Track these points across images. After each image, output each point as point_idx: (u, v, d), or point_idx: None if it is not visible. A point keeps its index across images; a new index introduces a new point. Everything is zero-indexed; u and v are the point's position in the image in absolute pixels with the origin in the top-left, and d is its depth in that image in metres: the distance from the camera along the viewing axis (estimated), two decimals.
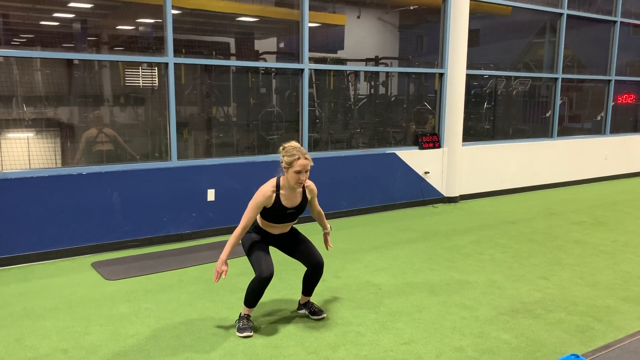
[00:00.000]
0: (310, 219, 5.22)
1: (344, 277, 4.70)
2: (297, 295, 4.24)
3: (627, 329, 3.76)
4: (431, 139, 7.52)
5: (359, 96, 8.01)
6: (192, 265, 4.98)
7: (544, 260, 5.24)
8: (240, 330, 3.55)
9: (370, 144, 7.39)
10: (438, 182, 7.64)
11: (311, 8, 6.27)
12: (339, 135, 7.41)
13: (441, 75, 7.60)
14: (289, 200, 3.54)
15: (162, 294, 4.30)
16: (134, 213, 5.42)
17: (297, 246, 3.72)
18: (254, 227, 3.66)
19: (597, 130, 9.99)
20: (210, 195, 5.84)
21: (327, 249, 3.97)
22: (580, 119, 10.25)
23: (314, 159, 6.35)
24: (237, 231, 3.47)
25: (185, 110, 6.38)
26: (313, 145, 7.03)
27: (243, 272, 4.80)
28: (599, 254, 5.47)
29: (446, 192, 7.73)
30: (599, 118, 10.15)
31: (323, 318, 3.80)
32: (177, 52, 5.57)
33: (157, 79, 5.97)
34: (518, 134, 9.06)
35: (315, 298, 4.14)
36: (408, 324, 3.77)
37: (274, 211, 3.51)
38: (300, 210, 3.61)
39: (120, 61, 5.79)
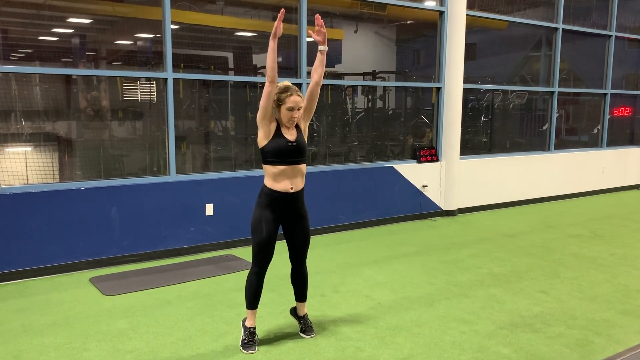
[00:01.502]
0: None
1: (342, 292, 4.69)
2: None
3: (627, 342, 3.75)
4: (429, 153, 7.55)
5: (356, 110, 8.07)
6: (191, 280, 4.96)
7: (543, 274, 5.25)
8: (245, 346, 3.52)
9: (368, 158, 7.42)
10: (436, 195, 7.65)
11: (309, 23, 6.32)
12: (337, 149, 7.45)
13: (438, 89, 7.65)
14: (288, 132, 3.45)
15: (160, 309, 4.28)
16: (132, 228, 5.41)
17: (296, 234, 3.65)
18: (263, 194, 3.51)
19: (594, 143, 10.05)
20: (209, 209, 5.85)
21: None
22: (577, 131, 10.32)
23: (313, 173, 6.39)
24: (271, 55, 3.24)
25: (183, 124, 6.42)
26: (311, 159, 7.06)
27: (240, 287, 4.77)
28: (597, 267, 5.47)
29: (444, 206, 7.74)
30: (595, 131, 10.21)
31: (312, 337, 3.77)
32: (175, 67, 5.60)
33: (155, 93, 5.99)
34: (515, 147, 9.11)
35: (314, 312, 4.14)
36: (407, 339, 3.76)
37: (278, 143, 3.38)
38: (302, 146, 3.46)
39: (119, 76, 5.82)
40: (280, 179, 3.47)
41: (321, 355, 3.51)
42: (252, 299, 3.59)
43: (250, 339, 3.54)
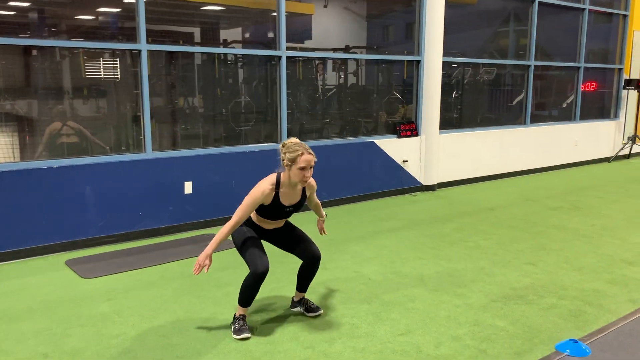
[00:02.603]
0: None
1: (331, 269, 4.59)
2: (287, 289, 4.12)
3: (619, 311, 3.77)
4: (409, 127, 7.47)
5: (327, 86, 7.76)
6: (174, 261, 4.79)
7: (528, 246, 5.25)
8: (236, 332, 3.37)
9: (341, 134, 7.21)
10: (416, 170, 7.60)
11: None
12: (311, 126, 7.22)
13: (418, 62, 7.54)
14: (288, 198, 3.38)
15: (144, 291, 4.11)
16: (108, 208, 5.18)
17: (293, 240, 3.56)
18: (246, 221, 3.48)
19: (565, 117, 10.14)
20: (188, 187, 5.65)
21: (321, 234, 3.86)
22: (546, 106, 10.32)
23: None
24: (228, 227, 3.26)
25: (153, 101, 6.07)
26: (287, 136, 6.85)
27: (226, 266, 4.64)
28: (579, 239, 5.52)
29: (424, 181, 7.70)
30: (564, 105, 10.29)
31: (320, 315, 3.68)
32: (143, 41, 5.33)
33: (119, 70, 5.62)
34: (485, 122, 9.02)
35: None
36: (402, 315, 3.70)
37: (271, 209, 3.35)
38: (298, 208, 3.47)
39: (91, 48, 5.50)
40: (266, 224, 3.50)
41: (316, 333, 3.42)
42: (247, 299, 3.40)
43: (242, 325, 3.40)
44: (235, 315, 3.49)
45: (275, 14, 6.23)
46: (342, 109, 7.66)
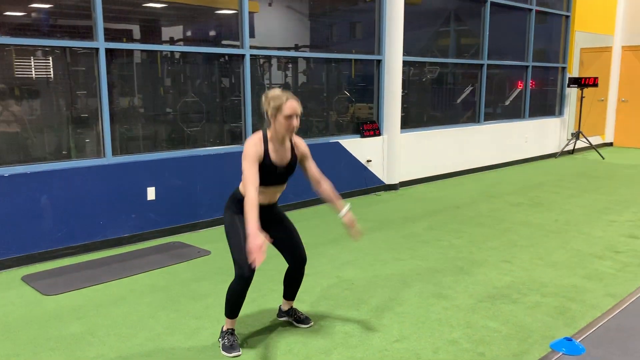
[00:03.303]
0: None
1: (313, 275, 4.45)
2: (269, 298, 3.95)
3: (601, 307, 3.83)
4: (372, 127, 7.42)
5: (274, 85, 7.46)
6: (141, 272, 4.50)
7: (500, 244, 5.30)
8: (227, 349, 3.15)
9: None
10: (379, 170, 7.57)
11: None
12: (260, 126, 6.82)
13: (379, 62, 7.50)
14: (278, 155, 3.09)
15: (115, 307, 3.83)
16: (66, 217, 4.83)
17: (282, 234, 3.30)
18: (237, 202, 3.11)
19: (515, 114, 10.37)
20: (150, 193, 5.35)
21: (356, 238, 3.40)
22: (491, 104, 10.33)
23: None
24: (252, 195, 2.80)
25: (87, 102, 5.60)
26: (238, 137, 6.52)
27: (200, 276, 4.42)
28: (547, 234, 5.62)
29: (387, 180, 7.68)
30: (507, 103, 10.53)
31: (311, 326, 3.52)
32: (79, 38, 4.99)
33: (51, 69, 5.12)
34: (432, 121, 8.82)
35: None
36: (394, 320, 3.60)
37: (264, 168, 3.02)
38: (291, 171, 3.19)
39: (45, 46, 5.09)
40: (261, 195, 3.13)
41: (310, 345, 3.27)
42: (233, 308, 3.16)
43: (231, 341, 3.19)
44: (222, 329, 3.29)
45: (236, 11, 6.00)
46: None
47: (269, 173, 3.07)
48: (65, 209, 4.81)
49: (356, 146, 7.21)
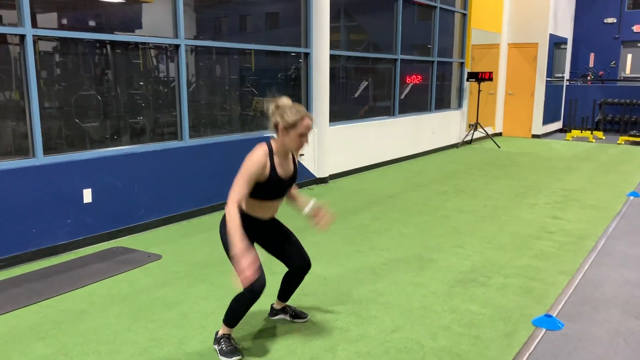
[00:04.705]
0: None
1: (280, 273, 4.30)
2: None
3: (559, 283, 4.14)
4: None
5: (166, 78, 6.64)
6: (93, 282, 4.10)
7: (445, 231, 5.52)
8: (226, 354, 2.97)
9: (197, 130, 6.41)
10: (311, 163, 7.55)
11: None
12: (167, 119, 6.25)
13: (307, 55, 7.47)
14: (283, 169, 2.95)
15: (80, 322, 3.45)
16: None
17: (283, 242, 3.19)
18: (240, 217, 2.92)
19: (423, 108, 10.82)
20: (87, 196, 4.89)
21: (323, 228, 3.22)
22: (384, 98, 10.29)
23: (194, 147, 5.76)
24: (232, 211, 2.67)
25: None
26: (139, 133, 5.98)
27: (161, 282, 4.13)
28: (483, 220, 5.95)
29: (318, 173, 7.69)
30: (403, 97, 10.95)
31: (307, 320, 3.43)
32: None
33: None
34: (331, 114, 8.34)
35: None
36: (381, 311, 3.62)
37: (270, 184, 2.89)
38: (293, 181, 3.07)
39: None
40: (262, 209, 3.02)
41: (312, 343, 3.18)
42: (236, 319, 3.00)
43: (230, 346, 3.02)
44: (217, 335, 3.10)
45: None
46: (197, 102, 6.56)
47: (275, 187, 2.95)
48: None
49: None
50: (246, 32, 7.67)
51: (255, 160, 2.82)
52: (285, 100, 2.91)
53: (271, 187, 2.92)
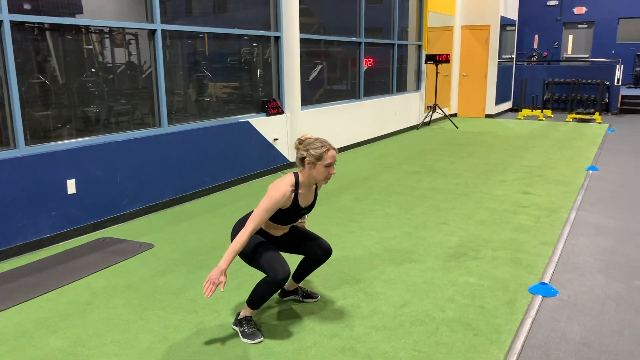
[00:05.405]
0: None
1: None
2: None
3: (544, 254, 4.38)
4: (275, 105, 7.37)
5: (108, 64, 6.11)
6: (90, 274, 4.03)
7: (426, 209, 5.71)
8: (248, 335, 3.04)
9: (146, 118, 6.06)
10: (285, 147, 7.58)
11: None
12: (120, 109, 5.91)
13: (277, 38, 7.45)
14: (305, 199, 3.11)
15: (88, 314, 3.40)
16: None
17: (301, 239, 3.30)
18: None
19: (384, 90, 10.99)
20: (71, 187, 4.76)
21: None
22: (339, 81, 10.26)
23: (173, 134, 5.67)
24: (243, 237, 2.86)
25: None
26: (94, 122, 5.75)
27: (162, 271, 4.11)
28: (459, 197, 6.18)
29: (292, 158, 7.73)
30: (355, 80, 11.08)
31: (317, 300, 3.52)
32: None
33: None
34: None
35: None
36: (387, 288, 3.75)
37: (287, 212, 3.05)
38: (310, 209, 3.22)
39: None
40: (275, 230, 3.19)
41: (330, 321, 3.27)
42: (260, 303, 3.08)
43: (252, 327, 3.08)
44: (238, 316, 3.15)
45: None
46: (147, 90, 5.97)
47: (292, 215, 3.09)
48: None
49: (264, 125, 7.12)
50: (224, 12, 7.38)
51: (282, 192, 2.93)
52: (307, 135, 3.06)
53: (288, 215, 3.07)
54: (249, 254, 3.03)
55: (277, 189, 2.94)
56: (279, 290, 3.57)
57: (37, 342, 3.06)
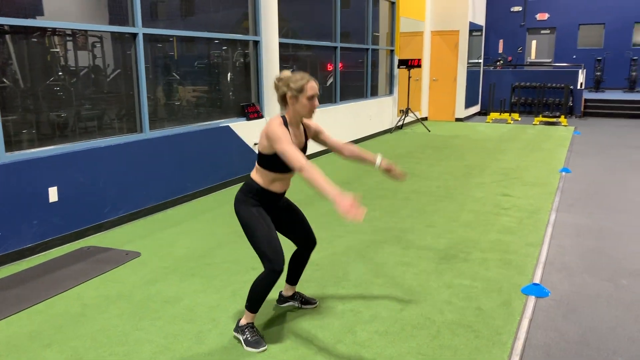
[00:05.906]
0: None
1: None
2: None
3: (532, 255, 4.47)
4: (255, 109, 7.33)
5: (70, 67, 5.76)
6: (78, 284, 3.92)
7: (412, 211, 5.76)
8: (252, 344, 2.99)
9: (123, 123, 5.82)
10: None
11: None
12: (89, 113, 5.64)
13: (256, 43, 7.41)
14: (297, 139, 3.02)
15: (82, 325, 3.30)
16: None
17: (292, 220, 3.23)
18: (255, 192, 2.99)
19: (359, 94, 11.06)
20: (53, 194, 4.62)
21: (403, 179, 3.38)
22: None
23: (155, 139, 5.57)
24: (311, 170, 2.64)
25: None
26: (61, 129, 5.53)
27: (152, 279, 4.02)
28: (441, 200, 6.26)
29: None
30: (327, 84, 11.18)
31: (316, 306, 3.50)
32: None
33: None
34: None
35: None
36: (382, 291, 3.76)
37: None
38: (305, 151, 3.13)
39: None
40: (277, 183, 3.05)
41: (331, 327, 3.26)
42: (258, 303, 3.03)
43: (255, 335, 3.04)
44: (239, 323, 3.11)
45: None
46: (122, 94, 5.78)
47: None
48: None
49: (244, 129, 7.06)
50: (192, 16, 7.24)
51: (277, 125, 2.82)
52: (285, 72, 2.99)
53: None
54: (248, 228, 2.95)
55: (274, 126, 2.81)
56: (278, 297, 3.54)
57: (33, 356, 2.96)
